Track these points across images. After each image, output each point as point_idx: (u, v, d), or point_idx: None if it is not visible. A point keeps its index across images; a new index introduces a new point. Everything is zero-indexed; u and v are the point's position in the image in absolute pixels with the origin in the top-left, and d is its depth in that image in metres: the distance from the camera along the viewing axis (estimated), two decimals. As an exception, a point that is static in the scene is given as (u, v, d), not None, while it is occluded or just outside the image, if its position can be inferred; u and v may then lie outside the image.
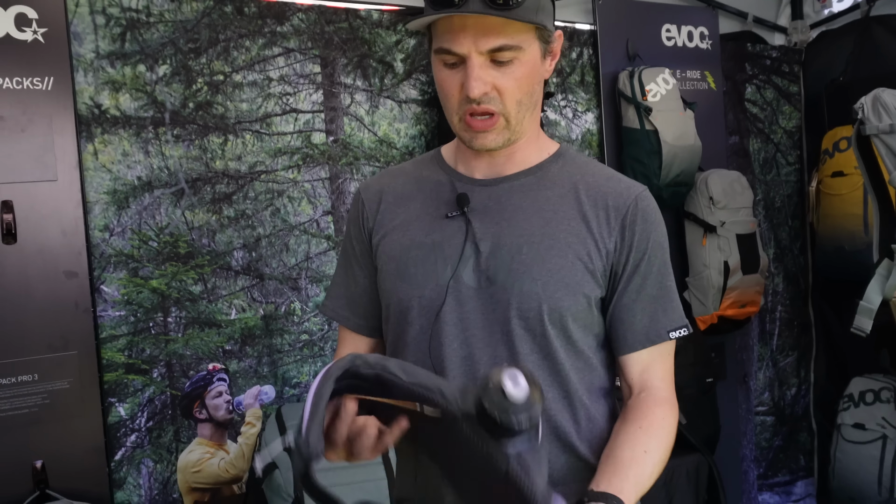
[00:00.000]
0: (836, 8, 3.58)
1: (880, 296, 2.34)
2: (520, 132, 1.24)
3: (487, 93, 1.16)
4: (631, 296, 1.25)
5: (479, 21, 1.12)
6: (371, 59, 2.74)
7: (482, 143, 1.21)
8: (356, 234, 1.38)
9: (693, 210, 3.19)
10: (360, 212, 1.38)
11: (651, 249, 1.26)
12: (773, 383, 3.67)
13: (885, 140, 2.28)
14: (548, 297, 1.21)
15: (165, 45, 2.42)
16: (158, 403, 2.41)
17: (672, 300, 1.28)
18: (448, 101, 1.20)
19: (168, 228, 2.43)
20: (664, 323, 1.26)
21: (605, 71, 3.15)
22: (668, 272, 1.30)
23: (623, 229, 1.25)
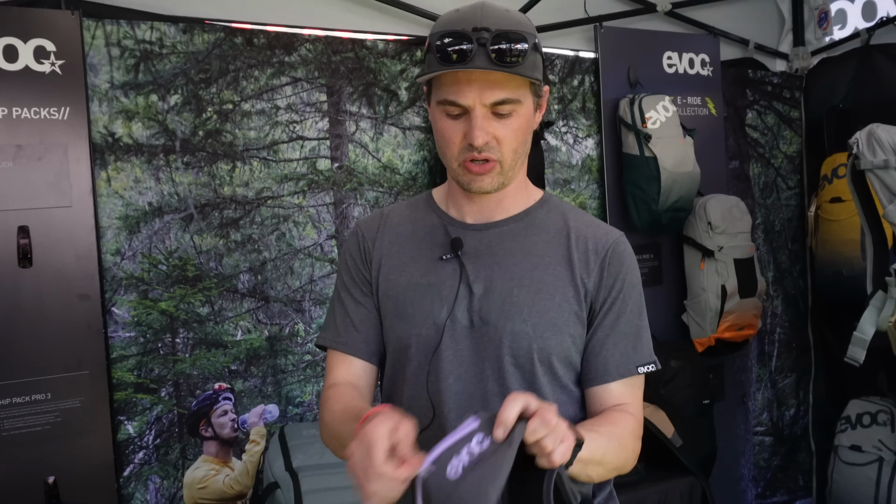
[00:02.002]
0: (837, 35, 3.65)
1: (874, 327, 2.41)
2: (511, 177, 1.34)
3: (488, 142, 1.26)
4: (605, 331, 1.35)
5: (483, 76, 1.23)
6: (376, 88, 2.84)
7: (479, 185, 1.31)
8: (355, 266, 1.45)
9: (692, 234, 3.27)
10: (360, 244, 1.45)
11: (626, 290, 1.37)
12: (771, 404, 3.73)
13: (880, 175, 2.34)
14: (537, 336, 1.31)
15: (177, 75, 2.53)
16: (166, 421, 2.51)
17: (643, 338, 1.39)
18: (449, 148, 1.30)
19: (177, 252, 2.53)
20: (634, 359, 1.36)
21: (606, 98, 3.23)
22: (642, 312, 1.40)
23: (602, 270, 1.35)
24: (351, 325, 1.42)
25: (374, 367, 1.44)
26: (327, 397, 1.38)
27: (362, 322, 1.42)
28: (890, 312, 2.36)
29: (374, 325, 1.43)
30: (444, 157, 1.33)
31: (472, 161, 1.28)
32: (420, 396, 1.34)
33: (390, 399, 1.42)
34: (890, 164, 2.29)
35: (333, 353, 1.45)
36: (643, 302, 1.40)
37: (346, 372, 1.43)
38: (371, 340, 1.43)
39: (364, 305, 1.43)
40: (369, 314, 1.42)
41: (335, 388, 1.39)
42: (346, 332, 1.42)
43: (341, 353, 1.43)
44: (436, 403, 1.32)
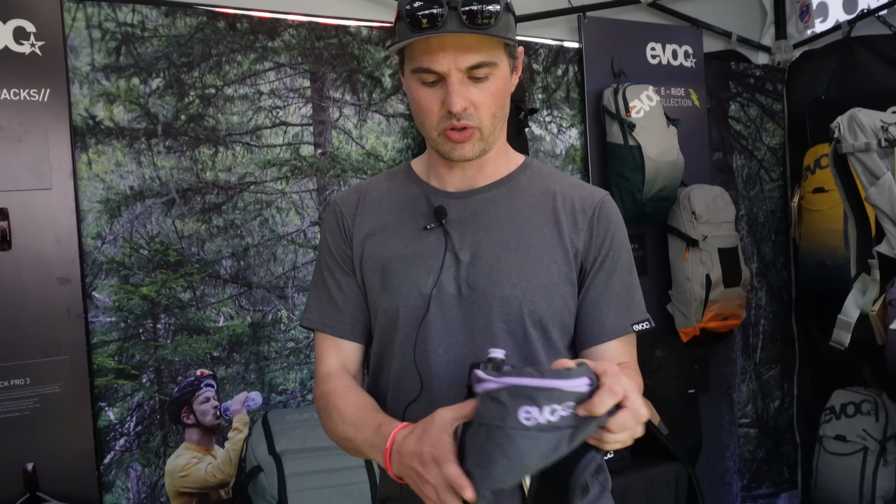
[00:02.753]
0: (819, 28, 3.72)
1: (858, 310, 2.44)
2: (492, 143, 1.33)
3: (466, 108, 1.25)
4: (598, 290, 1.36)
5: (456, 40, 1.21)
6: (360, 75, 2.86)
7: (461, 153, 1.30)
8: (336, 244, 1.43)
9: (676, 224, 3.30)
10: (340, 220, 1.44)
11: (615, 248, 1.37)
12: (756, 396, 3.77)
13: (861, 158, 2.38)
14: (527, 300, 1.30)
15: (159, 58, 2.54)
16: (147, 408, 2.51)
17: (635, 296, 1.40)
18: (427, 117, 1.29)
19: (159, 237, 2.53)
20: (628, 317, 1.37)
21: (590, 88, 3.27)
22: (632, 270, 1.41)
23: (591, 229, 1.36)
24: (335, 306, 1.41)
25: (363, 345, 1.44)
26: (327, 392, 1.35)
27: (346, 302, 1.41)
28: (874, 295, 2.39)
29: (358, 303, 1.41)
30: (422, 128, 1.32)
31: (453, 129, 1.27)
32: (408, 368, 1.33)
33: (378, 373, 1.41)
34: (871, 147, 2.33)
35: (320, 337, 1.43)
36: (632, 260, 1.41)
37: (338, 356, 1.42)
38: (357, 320, 1.42)
39: (347, 285, 1.41)
40: (353, 292, 1.41)
41: (331, 379, 1.37)
42: (332, 313, 1.41)
43: (329, 337, 1.42)
44: (424, 375, 1.31)
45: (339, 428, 1.30)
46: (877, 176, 2.32)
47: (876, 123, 2.35)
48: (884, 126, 2.32)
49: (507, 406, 0.94)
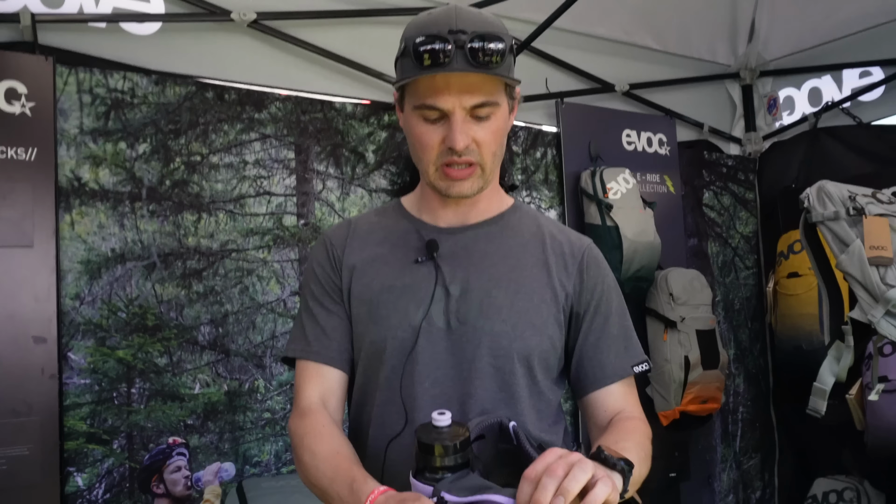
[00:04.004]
0: (787, 121, 3.96)
1: (833, 377, 2.52)
2: (489, 180, 1.39)
3: (468, 145, 1.31)
4: (596, 334, 1.41)
5: (461, 79, 1.26)
6: (344, 149, 2.99)
7: (459, 190, 1.35)
8: (324, 273, 1.46)
9: (654, 306, 3.41)
10: (329, 251, 1.47)
11: (607, 292, 1.44)
12: (737, 485, 3.80)
13: (831, 226, 2.52)
14: (517, 336, 1.34)
15: (147, 124, 2.65)
16: (117, 475, 2.49)
17: (631, 338, 1.45)
18: (426, 153, 1.33)
19: (138, 300, 2.58)
20: (627, 359, 1.42)
21: (568, 170, 3.43)
22: (625, 313, 1.47)
23: (581, 273, 1.42)
24: (322, 334, 1.42)
25: (346, 375, 1.43)
26: (304, 430, 1.35)
27: (334, 330, 1.42)
28: (848, 362, 2.48)
29: (345, 332, 1.42)
30: (419, 163, 1.37)
31: (450, 166, 1.32)
32: (393, 402, 1.34)
33: (362, 407, 1.41)
34: (840, 216, 2.47)
35: (303, 365, 1.42)
36: (624, 303, 1.47)
37: (320, 386, 1.40)
38: (343, 349, 1.42)
39: (335, 313, 1.43)
40: (341, 322, 1.42)
41: (310, 415, 1.36)
42: (317, 341, 1.41)
43: (313, 364, 1.41)
44: (409, 408, 1.32)
45: (311, 473, 1.30)
46: (846, 243, 2.45)
47: (843, 193, 2.50)
48: (851, 196, 2.48)
49: None
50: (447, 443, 1.06)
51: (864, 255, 2.39)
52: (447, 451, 1.06)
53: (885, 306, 2.34)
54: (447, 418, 1.10)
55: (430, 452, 1.07)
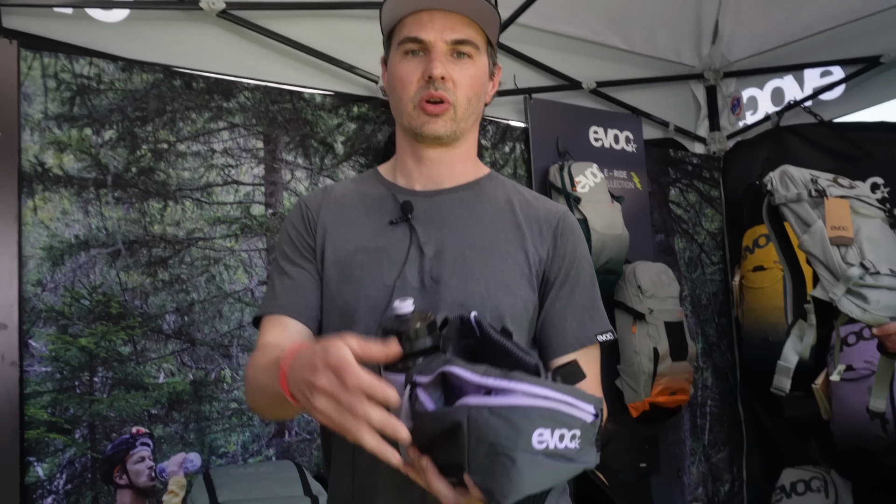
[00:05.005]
0: (750, 120, 3.96)
1: (797, 356, 2.48)
2: (463, 129, 1.37)
3: (445, 79, 1.31)
4: (563, 302, 1.37)
5: (446, 17, 1.31)
6: (312, 140, 2.93)
7: (432, 128, 1.34)
8: (297, 235, 1.43)
9: (622, 299, 3.36)
10: (304, 213, 1.44)
11: (579, 260, 1.40)
12: (706, 479, 3.75)
13: (793, 208, 2.49)
14: (490, 296, 1.31)
15: (113, 111, 2.57)
16: (79, 466, 2.38)
17: (598, 308, 1.41)
18: (406, 89, 1.34)
19: (101, 288, 2.48)
20: (592, 328, 1.38)
21: (536, 165, 3.39)
22: (594, 283, 1.43)
23: (555, 239, 1.39)
24: (292, 289, 1.38)
25: (312, 332, 1.38)
26: (254, 357, 1.30)
27: (304, 286, 1.39)
28: (811, 341, 2.45)
29: (314, 290, 1.39)
30: (399, 104, 1.36)
31: (428, 102, 1.32)
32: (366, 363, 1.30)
33: None
34: (802, 197, 2.45)
35: (267, 319, 1.38)
36: (594, 273, 1.44)
37: (280, 334, 1.35)
38: (312, 305, 1.38)
39: (307, 271, 1.40)
40: (312, 279, 1.39)
41: (263, 348, 1.32)
42: (286, 295, 1.38)
43: (276, 316, 1.37)
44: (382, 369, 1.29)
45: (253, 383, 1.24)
46: (808, 224, 2.42)
47: (806, 177, 2.48)
48: (813, 178, 2.45)
49: (521, 430, 0.87)
50: (413, 326, 0.99)
51: (826, 235, 2.37)
52: (414, 335, 0.99)
53: (845, 284, 2.31)
54: (409, 304, 1.02)
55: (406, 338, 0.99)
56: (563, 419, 0.88)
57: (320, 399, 0.96)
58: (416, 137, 1.38)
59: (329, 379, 0.95)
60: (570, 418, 0.88)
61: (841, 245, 2.38)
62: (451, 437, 0.90)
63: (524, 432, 0.87)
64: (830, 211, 2.40)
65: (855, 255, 2.36)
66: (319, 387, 0.95)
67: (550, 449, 0.87)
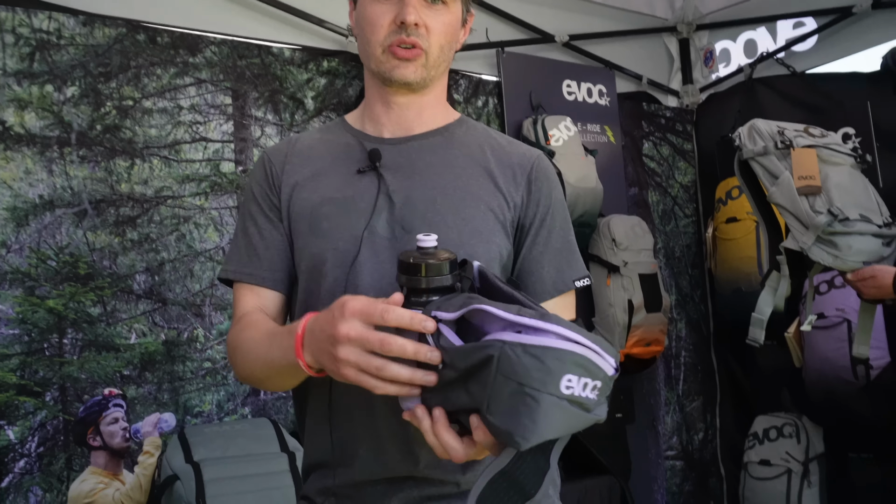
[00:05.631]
0: (723, 72, 3.90)
1: (770, 307, 2.46)
2: (434, 76, 1.30)
3: (419, 25, 1.23)
4: (539, 248, 1.31)
5: None
6: (282, 95, 2.83)
7: (402, 73, 1.26)
8: (262, 192, 1.36)
9: (597, 252, 3.32)
10: (268, 170, 1.36)
11: (554, 205, 1.33)
12: (680, 428, 3.75)
13: (761, 161, 2.46)
14: (463, 244, 1.24)
15: (75, 67, 2.46)
16: (50, 428, 2.32)
17: (574, 253, 1.35)
18: (375, 32, 1.26)
19: (68, 248, 2.40)
20: (569, 274, 1.32)
21: (510, 119, 3.32)
22: (570, 228, 1.37)
23: (529, 184, 1.32)
24: (255, 255, 1.33)
25: (283, 295, 1.34)
26: (240, 327, 1.27)
27: (268, 249, 1.33)
28: (784, 291, 2.43)
29: (281, 251, 1.33)
30: (367, 47, 1.29)
31: (399, 46, 1.25)
32: None
33: None
34: (769, 150, 2.42)
35: (239, 286, 1.35)
36: (569, 218, 1.37)
37: (255, 302, 1.33)
38: (277, 268, 1.33)
39: (270, 231, 1.34)
40: (276, 240, 1.33)
41: (247, 316, 1.29)
42: (251, 261, 1.33)
43: (247, 285, 1.34)
44: None
45: (250, 355, 1.21)
46: (776, 176, 2.39)
47: (772, 129, 2.45)
48: (780, 130, 2.42)
49: (552, 371, 0.84)
50: (433, 262, 0.95)
51: (793, 185, 2.34)
52: (436, 270, 0.95)
53: (814, 233, 2.29)
54: (433, 239, 0.99)
55: (415, 273, 0.96)
56: (591, 368, 0.85)
57: (345, 349, 0.96)
58: (385, 82, 1.30)
59: (353, 325, 0.95)
60: (597, 368, 0.86)
61: (809, 194, 2.36)
62: (474, 375, 0.88)
63: (555, 374, 0.84)
64: (797, 161, 2.36)
65: (823, 203, 2.33)
66: (343, 336, 0.95)
67: (575, 396, 0.85)
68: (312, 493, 1.28)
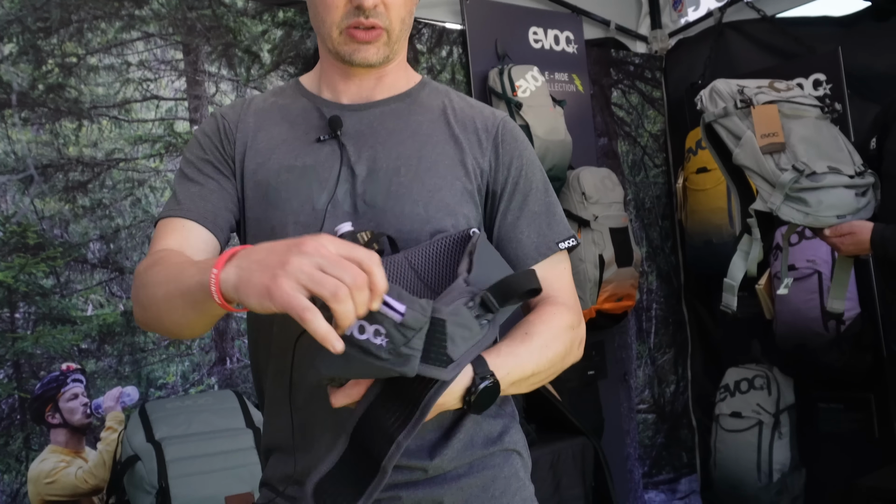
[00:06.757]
0: (692, 17, 3.89)
1: (742, 272, 2.49)
2: (396, 51, 1.26)
3: (377, 5, 1.18)
4: (515, 213, 1.28)
5: None
6: (236, 49, 2.76)
7: (364, 56, 1.22)
8: (209, 144, 1.29)
9: (566, 206, 3.33)
10: (220, 125, 1.30)
11: (526, 166, 1.30)
12: (652, 381, 3.83)
13: (724, 123, 2.46)
14: (430, 217, 1.22)
15: (11, 22, 2.36)
16: (5, 407, 2.28)
17: (556, 214, 1.32)
18: (330, 12, 1.20)
19: (15, 217, 2.33)
20: (551, 236, 1.29)
21: (475, 70, 3.28)
22: (549, 188, 1.34)
23: (496, 148, 1.29)
24: (198, 196, 1.23)
25: (218, 243, 1.24)
26: (150, 262, 1.14)
27: (213, 193, 1.24)
28: (757, 254, 2.44)
29: (227, 201, 1.25)
30: (322, 27, 1.23)
31: (357, 28, 1.20)
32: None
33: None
34: (729, 111, 2.42)
35: (163, 223, 1.23)
36: (547, 178, 1.35)
37: (180, 239, 1.20)
38: (220, 215, 1.24)
39: (217, 181, 1.26)
40: (224, 191, 1.25)
41: (161, 254, 1.16)
42: (190, 201, 1.23)
43: (178, 220, 1.21)
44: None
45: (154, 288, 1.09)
46: (738, 136, 2.39)
47: (733, 89, 2.45)
48: (740, 89, 2.42)
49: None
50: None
51: (756, 144, 2.34)
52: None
53: (781, 191, 2.29)
54: (348, 225, 1.06)
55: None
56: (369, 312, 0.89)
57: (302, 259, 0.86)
58: (344, 62, 1.25)
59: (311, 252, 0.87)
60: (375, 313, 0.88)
61: (773, 152, 2.35)
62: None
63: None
64: (758, 119, 2.36)
65: (789, 159, 2.33)
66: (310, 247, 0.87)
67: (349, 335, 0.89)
68: (274, 481, 1.26)
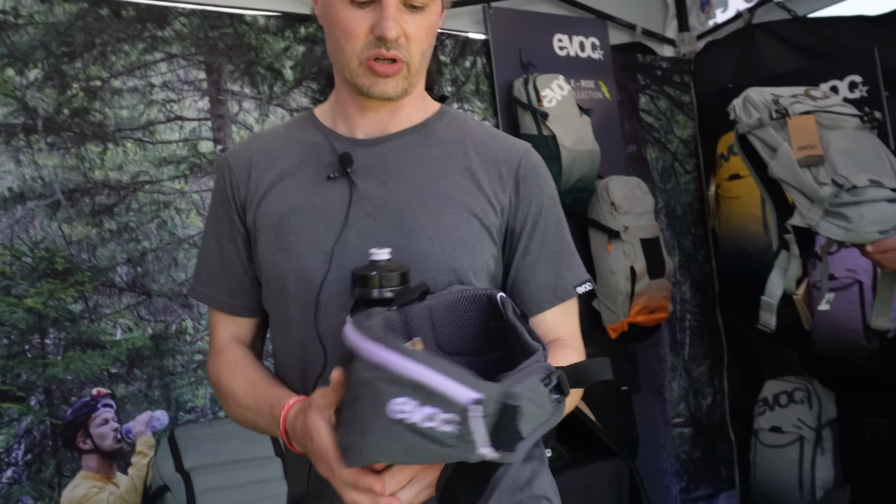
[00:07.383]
0: (720, 18, 3.88)
1: (780, 289, 2.47)
2: (415, 83, 1.26)
3: (399, 38, 1.18)
4: (534, 253, 1.28)
5: None
6: (259, 66, 2.80)
7: (382, 89, 1.21)
8: (224, 205, 1.32)
9: (596, 217, 3.34)
10: (229, 179, 1.32)
11: (547, 204, 1.29)
12: (687, 393, 3.82)
13: (758, 134, 2.44)
14: (446, 256, 1.21)
15: (36, 48, 2.42)
16: (37, 434, 2.33)
17: (573, 255, 1.32)
18: (350, 42, 1.19)
19: (43, 243, 2.39)
20: (569, 279, 1.29)
21: (499, 79, 3.30)
22: (566, 227, 1.33)
23: (517, 184, 1.27)
24: (222, 280, 1.33)
25: (257, 319, 1.37)
26: (219, 371, 1.31)
27: (235, 274, 1.33)
28: (795, 271, 2.43)
29: (247, 272, 1.33)
30: (340, 56, 1.23)
31: (377, 60, 1.19)
32: (310, 339, 1.21)
33: (284, 348, 1.30)
34: (764, 122, 2.39)
35: (215, 312, 1.38)
36: (564, 216, 1.34)
37: (230, 329, 1.37)
38: (248, 293, 1.34)
39: (231, 252, 1.32)
40: (239, 262, 1.32)
41: (223, 354, 1.33)
42: (221, 287, 1.34)
43: (222, 312, 1.37)
44: (327, 345, 1.19)
45: (237, 412, 1.29)
46: (774, 148, 2.36)
47: (767, 98, 2.42)
48: (774, 99, 2.40)
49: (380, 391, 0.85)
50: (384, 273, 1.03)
51: (793, 157, 2.30)
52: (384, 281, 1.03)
53: (821, 206, 2.26)
54: (385, 252, 1.07)
55: (365, 284, 1.04)
56: (434, 395, 0.83)
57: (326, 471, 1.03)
58: (361, 94, 1.25)
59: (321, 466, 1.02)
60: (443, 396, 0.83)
61: (811, 165, 2.31)
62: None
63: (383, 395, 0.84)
64: (795, 130, 2.32)
65: (827, 172, 2.29)
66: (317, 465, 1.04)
67: (414, 424, 0.84)
68: None
